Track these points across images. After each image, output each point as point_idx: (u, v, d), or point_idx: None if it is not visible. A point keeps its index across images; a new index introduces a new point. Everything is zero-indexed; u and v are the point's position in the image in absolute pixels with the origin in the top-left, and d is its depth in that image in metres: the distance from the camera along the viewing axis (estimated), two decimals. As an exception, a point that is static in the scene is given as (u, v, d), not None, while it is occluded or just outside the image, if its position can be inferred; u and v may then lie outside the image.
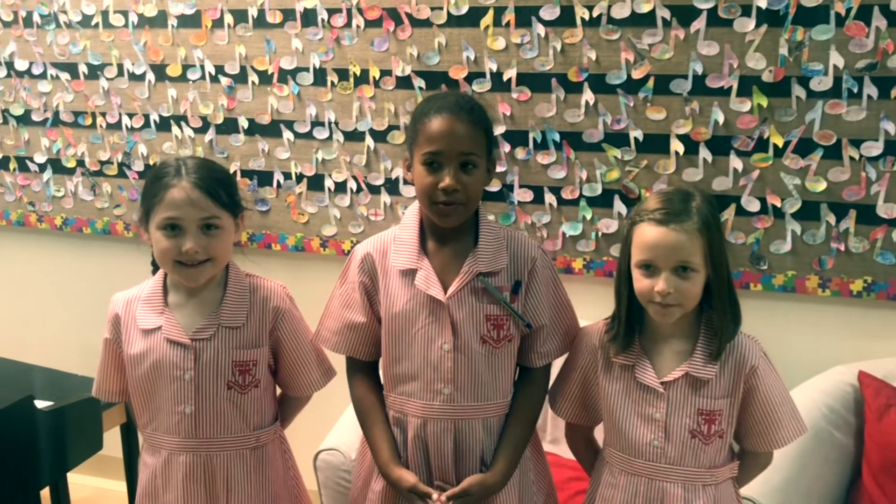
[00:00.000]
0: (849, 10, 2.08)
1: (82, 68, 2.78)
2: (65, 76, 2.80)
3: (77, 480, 2.84)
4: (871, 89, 2.11)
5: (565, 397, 1.69)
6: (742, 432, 1.58)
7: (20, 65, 2.84)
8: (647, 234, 1.48)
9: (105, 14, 2.71)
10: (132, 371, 1.66)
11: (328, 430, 2.14)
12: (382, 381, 1.71)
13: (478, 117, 1.58)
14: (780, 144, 2.20)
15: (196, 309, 1.66)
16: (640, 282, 1.50)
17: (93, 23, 2.73)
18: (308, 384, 1.76)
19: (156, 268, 1.74)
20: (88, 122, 2.82)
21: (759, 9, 2.14)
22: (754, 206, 2.24)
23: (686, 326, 1.55)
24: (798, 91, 2.16)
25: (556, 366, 1.74)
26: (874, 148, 2.13)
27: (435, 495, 1.57)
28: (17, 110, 2.88)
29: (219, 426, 1.66)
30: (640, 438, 1.55)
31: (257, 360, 1.68)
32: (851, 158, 2.16)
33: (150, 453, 1.70)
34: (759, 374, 1.54)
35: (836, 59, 2.12)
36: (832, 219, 2.19)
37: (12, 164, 2.94)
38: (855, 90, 2.12)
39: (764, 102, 2.18)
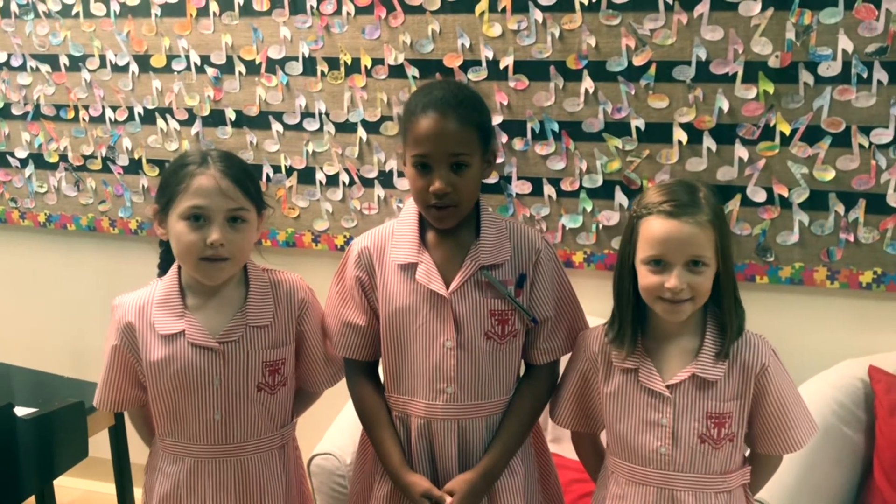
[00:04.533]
0: (858, -8, 2.02)
1: (63, 60, 2.70)
2: (45, 68, 2.72)
3: (65, 483, 2.78)
4: (881, 74, 2.04)
5: (564, 405, 1.62)
6: (755, 435, 1.52)
7: (-2, 56, 2.76)
8: (657, 227, 1.41)
9: (86, 3, 2.62)
10: (153, 379, 1.58)
11: (322, 433, 2.08)
12: (383, 382, 1.66)
13: (467, 112, 1.50)
14: (788, 132, 2.13)
15: (218, 310, 1.58)
16: (647, 278, 1.43)
17: (73, 12, 2.65)
18: (329, 378, 1.72)
19: (162, 270, 1.66)
20: (71, 115, 2.74)
21: (765, -9, 2.07)
22: (760, 196, 2.18)
23: (692, 324, 1.48)
24: (806, 77, 2.09)
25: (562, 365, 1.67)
26: (884, 135, 2.07)
27: (448, 500, 1.53)
28: (-3, 104, 2.80)
29: (249, 430, 1.60)
30: (646, 446, 1.48)
31: (286, 357, 1.62)
32: (861, 146, 2.09)
33: (170, 462, 1.62)
34: (770, 373, 1.47)
35: (844, 43, 2.05)
36: (841, 208, 2.13)
37: (-7, 160, 2.86)
38: (864, 75, 2.05)
39: (770, 89, 2.12)
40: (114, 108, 2.69)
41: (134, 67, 2.63)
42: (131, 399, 1.65)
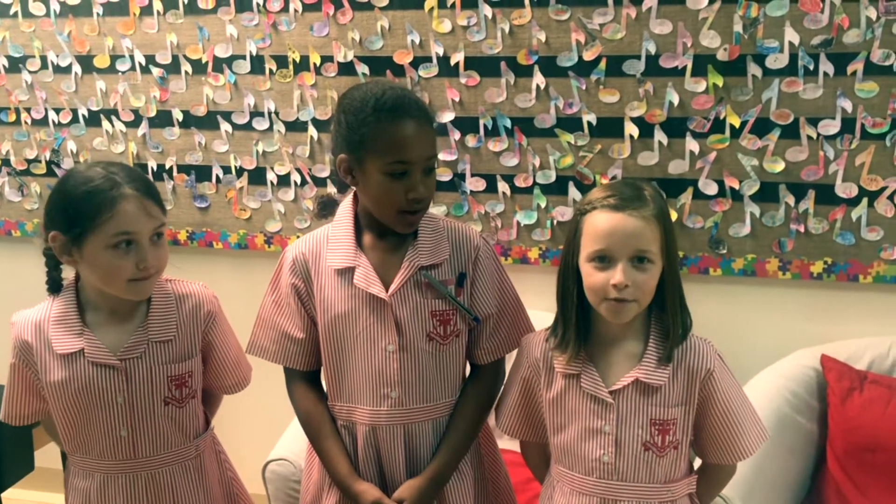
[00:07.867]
0: (803, -15, 2.03)
1: (2, 61, 2.62)
2: (-16, 70, 2.64)
3: (14, 496, 2.71)
4: (827, 66, 2.06)
5: (508, 413, 1.57)
6: (703, 445, 1.48)
7: (-66, 58, 2.67)
8: (601, 221, 1.37)
9: (24, 2, 2.55)
10: (54, 399, 1.54)
11: (276, 438, 2.04)
12: (325, 390, 1.62)
13: (429, 114, 1.49)
14: (737, 125, 2.14)
15: (119, 326, 1.54)
16: (592, 276, 1.38)
17: (11, 12, 2.57)
18: (238, 382, 1.71)
19: (54, 290, 1.58)
20: (12, 118, 2.66)
21: (712, -16, 2.08)
22: (712, 188, 2.19)
23: (636, 328, 1.44)
24: (754, 69, 2.10)
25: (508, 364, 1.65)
26: (831, 126, 2.09)
27: None
28: (-66, 107, 2.71)
29: (158, 444, 1.56)
30: (588, 454, 1.44)
31: (192, 370, 1.59)
32: (809, 137, 2.11)
33: (81, 477, 1.58)
34: (716, 378, 1.43)
35: (791, 35, 2.06)
36: (791, 200, 2.15)
37: (-69, 165, 2.77)
38: (811, 67, 2.07)
39: (719, 82, 2.12)
40: (57, 111, 2.61)
41: (77, 68, 2.56)
42: (38, 412, 1.62)
